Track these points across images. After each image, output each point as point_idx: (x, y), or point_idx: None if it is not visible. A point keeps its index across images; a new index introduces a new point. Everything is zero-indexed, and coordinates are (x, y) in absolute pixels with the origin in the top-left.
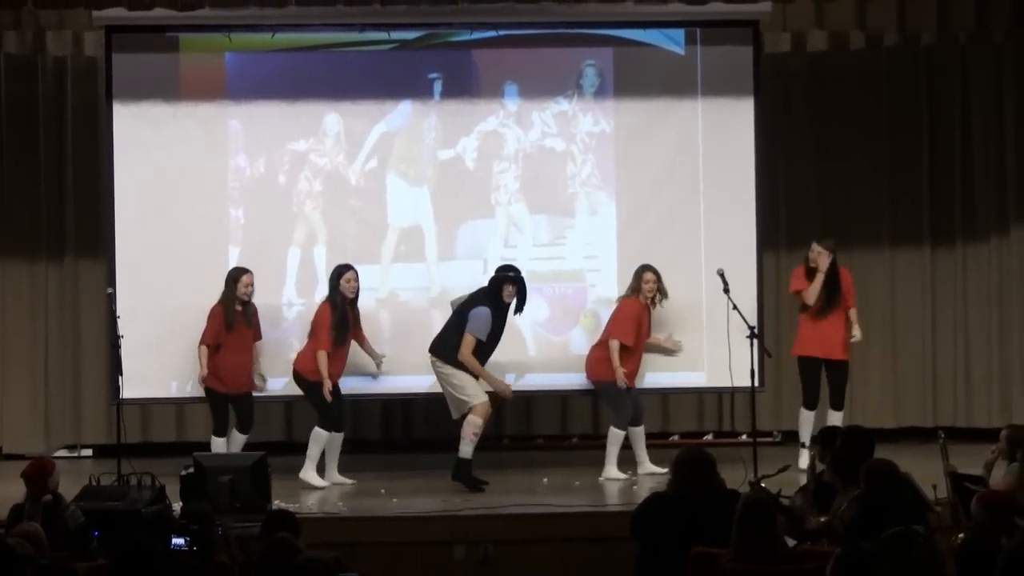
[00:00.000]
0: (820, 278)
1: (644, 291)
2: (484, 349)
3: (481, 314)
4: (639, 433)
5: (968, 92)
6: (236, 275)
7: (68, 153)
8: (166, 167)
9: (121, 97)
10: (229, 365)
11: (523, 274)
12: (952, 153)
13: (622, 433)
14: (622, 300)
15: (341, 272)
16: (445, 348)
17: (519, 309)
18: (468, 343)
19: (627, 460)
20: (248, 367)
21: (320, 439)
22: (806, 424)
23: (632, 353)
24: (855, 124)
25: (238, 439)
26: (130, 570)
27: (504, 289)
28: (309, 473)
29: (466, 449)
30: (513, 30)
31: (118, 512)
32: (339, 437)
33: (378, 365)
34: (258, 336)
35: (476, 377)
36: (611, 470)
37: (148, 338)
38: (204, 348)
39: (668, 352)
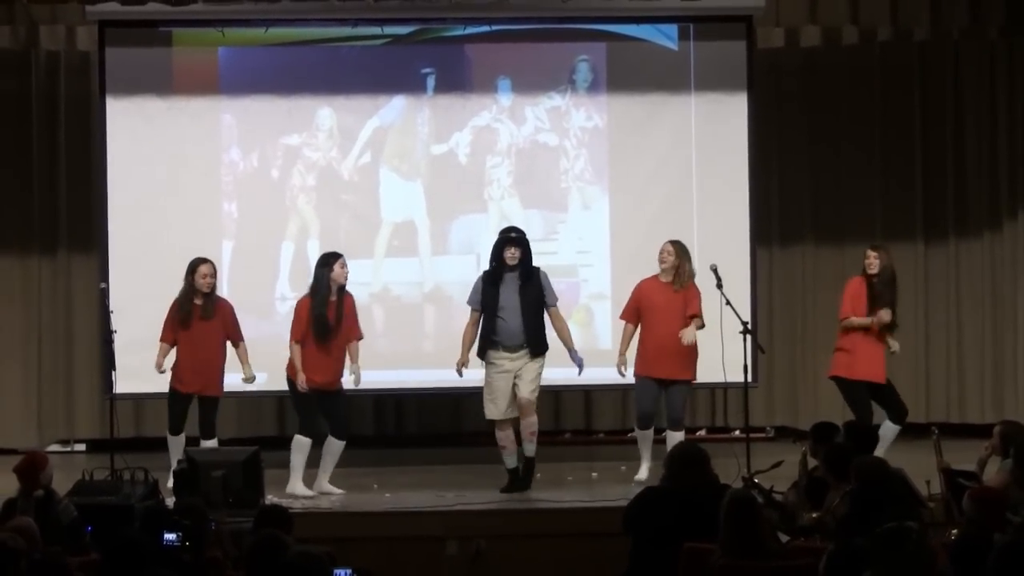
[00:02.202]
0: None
1: (659, 264)
2: (490, 318)
3: (473, 284)
4: (645, 437)
5: (961, 88)
6: (194, 265)
7: (61, 148)
8: (159, 161)
9: (114, 92)
10: (187, 363)
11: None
12: (944, 149)
13: (640, 432)
14: None
15: (330, 260)
16: None
17: (524, 264)
18: (470, 316)
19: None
20: (212, 365)
21: (301, 447)
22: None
23: (647, 336)
24: (848, 120)
25: (206, 446)
26: (121, 564)
27: (505, 252)
28: (295, 485)
29: (505, 460)
30: (506, 25)
31: (111, 507)
32: (336, 444)
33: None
34: (236, 336)
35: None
36: (642, 470)
37: (141, 333)
38: (162, 344)
39: None
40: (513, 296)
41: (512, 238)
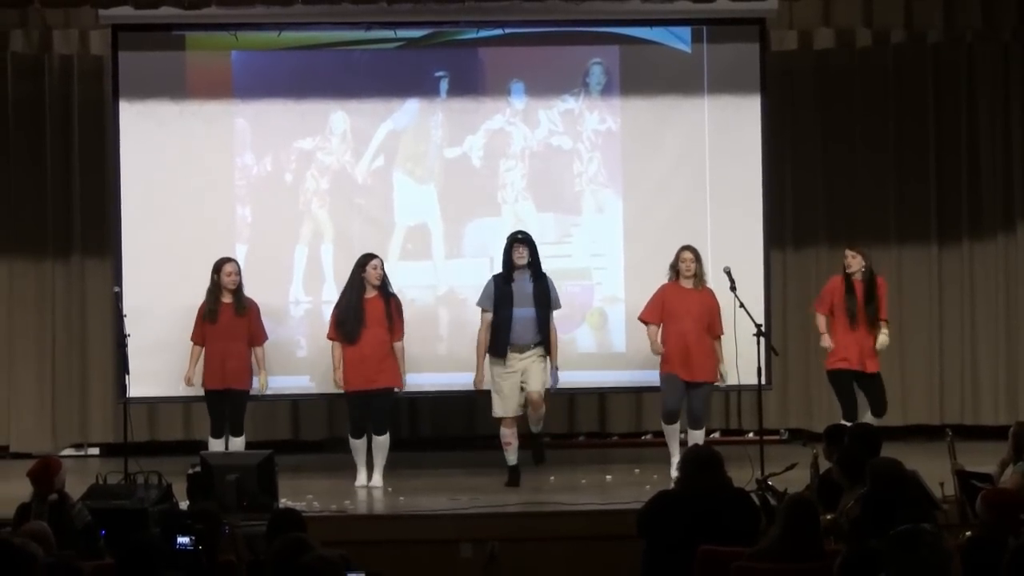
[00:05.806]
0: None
1: (680, 270)
2: (505, 317)
3: (483, 288)
4: (672, 431)
5: (975, 90)
6: (219, 265)
7: (75, 152)
8: (173, 165)
9: (128, 95)
10: (215, 357)
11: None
12: (958, 151)
13: (666, 427)
14: None
15: (365, 261)
16: None
17: (533, 264)
18: (482, 319)
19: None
20: (240, 360)
21: (352, 446)
22: None
23: (670, 339)
24: (861, 122)
25: (234, 443)
26: (134, 569)
27: (514, 252)
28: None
29: (507, 456)
30: (519, 28)
31: (125, 511)
32: (379, 441)
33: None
34: (260, 336)
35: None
36: (675, 463)
37: (154, 337)
38: (193, 347)
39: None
40: (527, 295)
41: (519, 239)
